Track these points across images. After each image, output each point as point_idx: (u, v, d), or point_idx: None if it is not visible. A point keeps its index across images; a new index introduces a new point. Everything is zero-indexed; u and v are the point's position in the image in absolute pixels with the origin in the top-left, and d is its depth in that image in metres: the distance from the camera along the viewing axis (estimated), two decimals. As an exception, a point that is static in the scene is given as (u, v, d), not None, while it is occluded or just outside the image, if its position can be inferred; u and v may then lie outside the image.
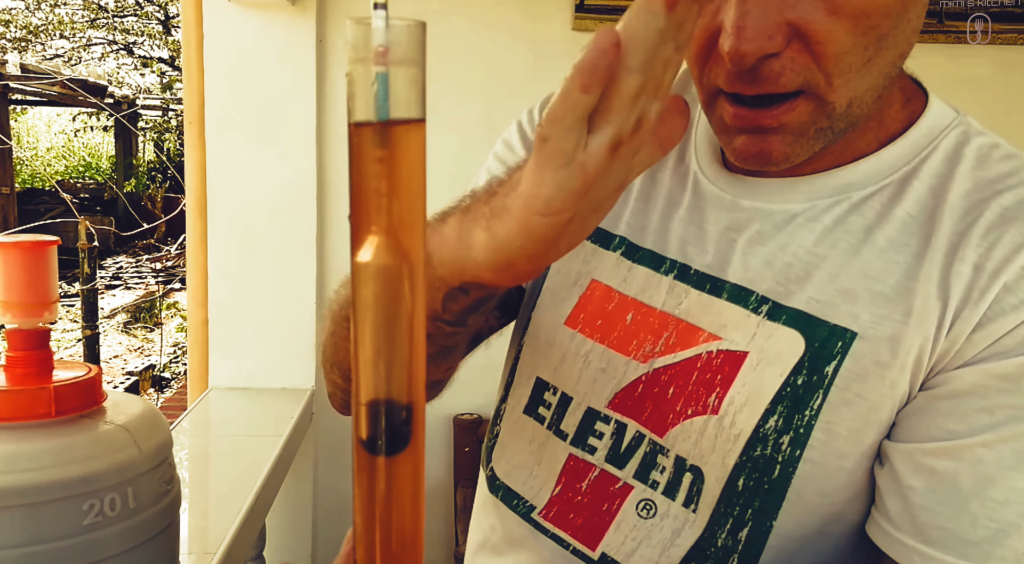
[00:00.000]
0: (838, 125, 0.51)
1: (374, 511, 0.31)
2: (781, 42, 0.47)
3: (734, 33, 0.46)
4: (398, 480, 0.31)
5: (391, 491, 0.31)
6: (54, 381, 0.56)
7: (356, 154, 0.30)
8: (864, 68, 0.48)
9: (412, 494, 0.32)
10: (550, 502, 0.63)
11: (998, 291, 0.49)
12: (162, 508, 0.60)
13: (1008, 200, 0.52)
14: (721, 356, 0.56)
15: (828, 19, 0.46)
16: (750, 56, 0.46)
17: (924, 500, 0.50)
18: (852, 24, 0.46)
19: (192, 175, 1.57)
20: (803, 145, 0.51)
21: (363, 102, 0.29)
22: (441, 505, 1.72)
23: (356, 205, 0.30)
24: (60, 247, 0.59)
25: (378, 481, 0.31)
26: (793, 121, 0.50)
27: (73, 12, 11.50)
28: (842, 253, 0.54)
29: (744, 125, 0.51)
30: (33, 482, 0.52)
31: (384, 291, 0.30)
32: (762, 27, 0.46)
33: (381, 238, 0.30)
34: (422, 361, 0.31)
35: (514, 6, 1.58)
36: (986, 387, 0.49)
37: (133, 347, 6.46)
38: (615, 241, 0.63)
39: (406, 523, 0.32)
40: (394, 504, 0.31)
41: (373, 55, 0.29)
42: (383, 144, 0.30)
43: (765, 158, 0.52)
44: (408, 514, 0.32)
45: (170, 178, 10.96)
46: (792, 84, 0.48)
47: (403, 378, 0.31)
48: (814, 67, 0.48)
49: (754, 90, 0.49)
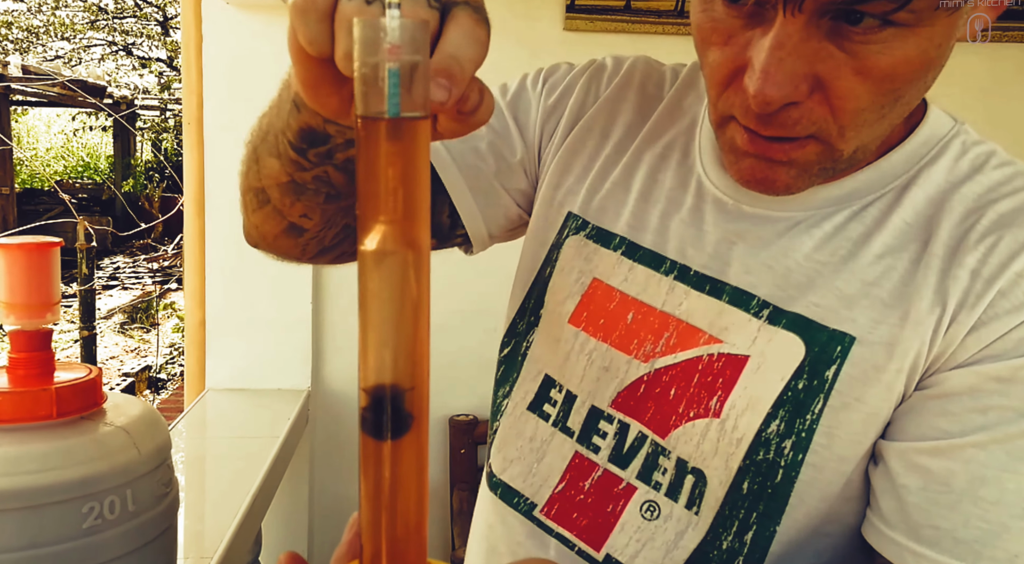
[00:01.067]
0: (840, 167, 0.53)
1: (380, 494, 0.32)
2: (805, 92, 0.47)
3: (762, 77, 0.46)
4: (402, 464, 0.32)
5: (397, 474, 0.32)
6: (55, 383, 0.56)
7: (365, 148, 0.31)
8: (876, 123, 0.50)
9: (416, 478, 0.32)
10: (551, 499, 0.63)
11: (993, 296, 0.50)
12: (161, 511, 0.60)
13: (1004, 207, 0.53)
14: (722, 359, 0.57)
15: (853, 78, 0.47)
16: (775, 103, 0.47)
17: (917, 499, 0.51)
18: (875, 86, 0.47)
19: (190, 175, 1.57)
20: (805, 180, 0.53)
21: (375, 97, 0.30)
22: (437, 508, 1.72)
23: (364, 196, 0.31)
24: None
25: (383, 465, 0.32)
26: (801, 158, 0.51)
27: (74, 14, 11.50)
28: (842, 259, 0.55)
29: (755, 151, 0.52)
30: (33, 485, 0.52)
31: (389, 278, 0.31)
32: (791, 76, 0.46)
33: (388, 227, 0.31)
34: (426, 348, 0.32)
35: (505, 6, 1.58)
36: (979, 388, 0.50)
37: (129, 348, 6.45)
38: (615, 240, 0.64)
39: (410, 507, 0.32)
40: (399, 488, 0.32)
41: (385, 52, 0.30)
42: (393, 138, 0.31)
43: (768, 185, 0.53)
44: (412, 498, 0.32)
45: (167, 178, 10.95)
46: (805, 132, 0.49)
47: (407, 363, 0.32)
48: (830, 119, 0.49)
49: (768, 132, 0.50)
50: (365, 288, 0.31)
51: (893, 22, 0.44)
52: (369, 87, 0.30)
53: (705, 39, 0.51)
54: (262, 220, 0.65)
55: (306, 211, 0.61)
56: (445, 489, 1.71)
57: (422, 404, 0.32)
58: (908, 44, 0.45)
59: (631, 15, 1.61)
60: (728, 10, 0.49)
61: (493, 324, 1.64)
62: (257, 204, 0.63)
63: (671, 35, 1.62)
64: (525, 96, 0.71)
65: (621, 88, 0.69)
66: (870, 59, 0.46)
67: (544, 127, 0.70)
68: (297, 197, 0.59)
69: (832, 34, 0.46)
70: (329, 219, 0.63)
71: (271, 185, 0.59)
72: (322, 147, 0.52)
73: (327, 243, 0.67)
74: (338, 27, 0.35)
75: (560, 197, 0.68)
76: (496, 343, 0.72)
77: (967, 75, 1.60)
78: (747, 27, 0.48)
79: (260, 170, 0.60)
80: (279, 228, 0.64)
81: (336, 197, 0.59)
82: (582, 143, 0.68)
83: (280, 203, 0.61)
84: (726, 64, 0.50)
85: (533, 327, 0.68)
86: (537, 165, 0.71)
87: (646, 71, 0.70)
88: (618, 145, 0.67)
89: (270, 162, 0.57)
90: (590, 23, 1.61)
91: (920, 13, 0.44)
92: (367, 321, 0.31)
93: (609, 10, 1.60)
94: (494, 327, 1.59)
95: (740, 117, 0.51)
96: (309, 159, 0.54)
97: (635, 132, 0.67)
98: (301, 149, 0.54)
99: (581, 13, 1.60)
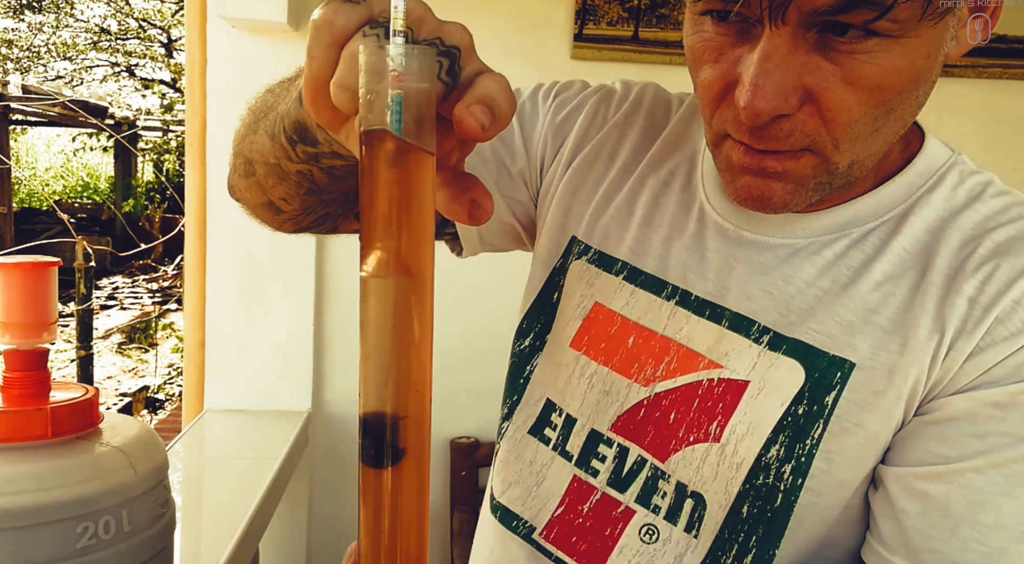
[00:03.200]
0: (837, 182, 0.53)
1: (379, 525, 0.32)
2: (795, 104, 0.48)
3: (751, 90, 0.47)
4: (400, 493, 0.32)
5: (395, 503, 0.32)
6: (51, 402, 0.56)
7: (369, 178, 0.31)
8: (871, 137, 0.50)
9: (416, 508, 0.32)
10: (550, 523, 0.63)
11: (991, 323, 0.51)
12: (157, 531, 0.59)
13: (1001, 236, 0.54)
14: (722, 384, 0.57)
15: (843, 89, 0.47)
16: (765, 115, 0.47)
17: (916, 523, 0.51)
18: (866, 96, 0.47)
19: (192, 196, 1.57)
20: (802, 195, 0.53)
21: (377, 121, 0.30)
22: (438, 529, 1.71)
23: (367, 225, 0.31)
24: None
25: (381, 494, 0.32)
26: (796, 171, 0.51)
27: (76, 34, 11.61)
28: (842, 286, 0.56)
29: (751, 165, 0.52)
30: (28, 504, 0.52)
31: (382, 305, 0.31)
32: (780, 88, 0.47)
33: (390, 256, 0.31)
34: (423, 376, 0.31)
35: (514, 34, 1.60)
36: (977, 414, 0.50)
37: (127, 368, 6.43)
38: (617, 265, 0.64)
39: (410, 537, 0.32)
40: (398, 518, 0.32)
41: (390, 79, 0.30)
42: (396, 165, 0.30)
43: (764, 202, 0.53)
44: (412, 529, 0.32)
45: (168, 198, 10.99)
46: (799, 144, 0.50)
47: (401, 392, 0.31)
48: (823, 131, 0.49)
49: (762, 145, 0.50)
50: (362, 313, 0.31)
51: (877, 32, 0.45)
52: (371, 112, 0.30)
53: (697, 59, 0.52)
54: (245, 187, 0.64)
55: (286, 196, 0.60)
56: (446, 511, 1.70)
57: (420, 433, 0.32)
58: (894, 54, 0.46)
59: (639, 45, 1.62)
60: (717, 28, 0.50)
61: (495, 346, 1.64)
62: (244, 172, 0.62)
63: (678, 66, 1.64)
64: (534, 108, 0.71)
65: (629, 113, 0.69)
66: (857, 69, 0.46)
67: (549, 143, 0.70)
68: (280, 181, 0.59)
69: (819, 46, 0.47)
70: (308, 208, 0.63)
71: (259, 161, 0.59)
72: (311, 148, 0.52)
73: (303, 225, 0.66)
74: (343, 57, 0.36)
75: (566, 221, 0.68)
76: (498, 365, 0.72)
77: (970, 109, 1.62)
78: (736, 44, 0.49)
79: (254, 142, 0.59)
80: (259, 201, 0.64)
81: (317, 192, 0.59)
82: (589, 167, 0.68)
83: (264, 180, 0.60)
84: (717, 81, 0.51)
85: (538, 352, 0.68)
86: (539, 179, 0.71)
87: (654, 98, 0.71)
88: (623, 169, 0.67)
89: (264, 139, 0.57)
90: (598, 52, 1.62)
91: (904, 23, 0.45)
92: (363, 347, 0.31)
93: (617, 39, 1.62)
94: (496, 349, 1.59)
95: (734, 133, 0.51)
96: (297, 153, 0.54)
97: (640, 157, 0.67)
98: (292, 140, 0.54)
99: (589, 42, 1.61)
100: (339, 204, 0.63)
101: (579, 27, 1.60)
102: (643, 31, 1.63)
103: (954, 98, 1.60)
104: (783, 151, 0.50)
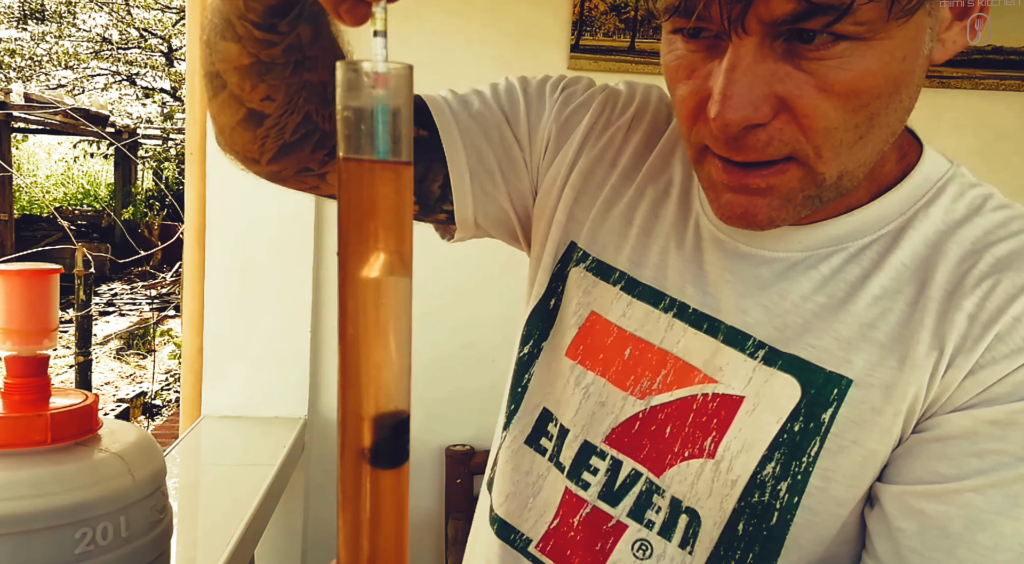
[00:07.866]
0: (827, 195, 0.52)
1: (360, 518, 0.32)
2: (767, 113, 0.47)
3: (720, 101, 0.46)
4: (386, 494, 0.32)
5: (379, 504, 0.32)
6: (51, 408, 0.56)
7: (346, 186, 0.31)
8: (856, 145, 0.49)
9: (396, 507, 0.33)
10: (546, 535, 0.62)
11: (991, 340, 0.50)
12: (154, 537, 0.59)
13: (1001, 250, 0.53)
14: (717, 399, 0.56)
15: (817, 95, 0.46)
16: (734, 125, 0.47)
17: (913, 542, 0.50)
18: (841, 102, 0.47)
19: (192, 204, 1.58)
20: (789, 211, 0.52)
21: (356, 140, 0.31)
22: (432, 537, 1.71)
23: (346, 232, 0.32)
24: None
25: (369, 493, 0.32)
26: (782, 185, 0.50)
27: (78, 44, 11.64)
28: (839, 302, 0.55)
29: (731, 183, 0.51)
30: (26, 510, 0.52)
31: (371, 305, 0.32)
32: (748, 98, 0.46)
33: (373, 256, 0.32)
34: (405, 375, 0.32)
35: (510, 45, 1.61)
36: (976, 432, 0.49)
37: (125, 374, 6.41)
38: (615, 275, 0.63)
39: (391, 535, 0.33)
40: (381, 515, 0.32)
41: (369, 88, 0.31)
42: (380, 183, 0.31)
43: (749, 220, 0.52)
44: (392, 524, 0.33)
45: (167, 206, 10.99)
46: (779, 153, 0.49)
47: (391, 391, 0.32)
48: (802, 139, 0.48)
49: (741, 157, 0.50)
50: (340, 317, 0.32)
51: (845, 35, 0.44)
52: (351, 130, 0.31)
53: (672, 77, 0.52)
54: (218, 109, 0.61)
55: (269, 92, 0.58)
56: (440, 518, 1.70)
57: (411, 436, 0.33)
58: (867, 57, 0.45)
59: (635, 56, 1.63)
60: (688, 45, 0.50)
61: (490, 354, 1.65)
62: (213, 91, 0.60)
63: (673, 76, 1.64)
64: (541, 98, 0.70)
65: (633, 117, 0.69)
66: (830, 75, 0.46)
67: (553, 137, 0.69)
68: (260, 78, 0.57)
69: (788, 55, 0.46)
70: (292, 99, 0.59)
71: (228, 70, 0.57)
72: (292, 11, 0.52)
73: (287, 137, 0.61)
74: None
75: (568, 225, 0.67)
76: (493, 373, 0.72)
77: (965, 121, 1.63)
78: (707, 59, 0.49)
79: (213, 54, 0.57)
80: (236, 118, 0.60)
81: (302, 63, 0.57)
82: (592, 171, 0.67)
83: (239, 88, 0.58)
84: (691, 97, 0.51)
85: (535, 359, 0.67)
86: (539, 170, 0.70)
87: (657, 103, 0.70)
88: (624, 175, 0.66)
89: (225, 46, 0.55)
90: (594, 63, 1.62)
91: (871, 24, 0.44)
92: (345, 348, 0.32)
93: (613, 50, 1.62)
94: (491, 357, 1.59)
95: (713, 146, 0.51)
96: (280, 31, 0.53)
97: (641, 163, 0.66)
98: (271, 25, 0.52)
99: (586, 53, 1.62)
100: (319, 101, 0.61)
101: (575, 38, 1.61)
102: (639, 42, 1.64)
103: (950, 109, 1.61)
104: (765, 164, 0.50)
